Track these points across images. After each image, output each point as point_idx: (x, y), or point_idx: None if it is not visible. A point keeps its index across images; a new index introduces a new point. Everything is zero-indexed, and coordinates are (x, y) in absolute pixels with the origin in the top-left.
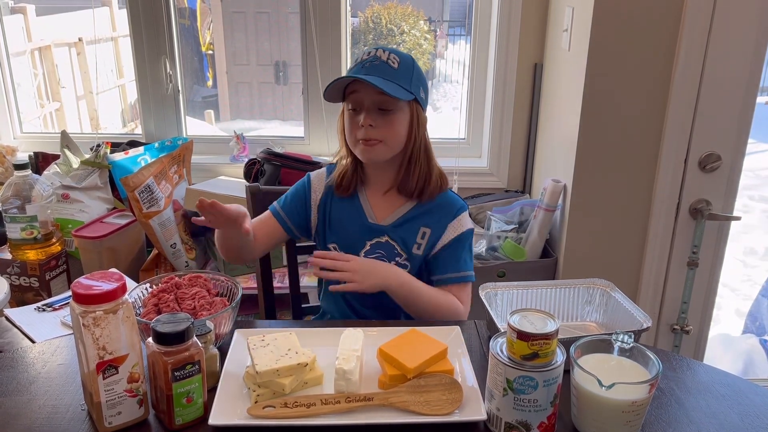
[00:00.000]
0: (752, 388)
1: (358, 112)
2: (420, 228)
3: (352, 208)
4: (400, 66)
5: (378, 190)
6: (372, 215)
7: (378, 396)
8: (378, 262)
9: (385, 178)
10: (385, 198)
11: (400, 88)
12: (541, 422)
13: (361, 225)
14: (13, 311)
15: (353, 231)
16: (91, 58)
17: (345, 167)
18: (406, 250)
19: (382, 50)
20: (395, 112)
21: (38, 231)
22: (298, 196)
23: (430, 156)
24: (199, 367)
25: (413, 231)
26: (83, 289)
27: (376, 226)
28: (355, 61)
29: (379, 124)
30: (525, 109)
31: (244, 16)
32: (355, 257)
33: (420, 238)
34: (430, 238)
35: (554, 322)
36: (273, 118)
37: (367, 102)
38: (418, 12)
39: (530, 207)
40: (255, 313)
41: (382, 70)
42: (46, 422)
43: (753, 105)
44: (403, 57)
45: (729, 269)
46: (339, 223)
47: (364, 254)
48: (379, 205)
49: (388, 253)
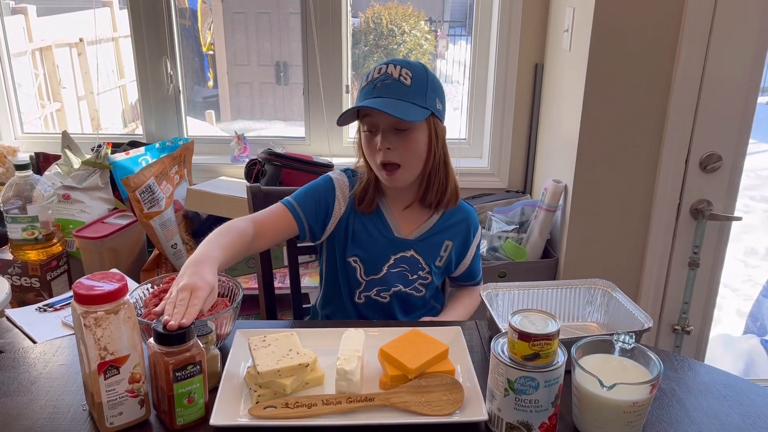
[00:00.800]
0: (753, 388)
1: (374, 134)
2: (444, 241)
3: (376, 222)
4: (413, 82)
5: (400, 204)
6: (398, 229)
7: (379, 396)
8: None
9: (406, 193)
10: (407, 212)
11: (414, 107)
12: (542, 423)
13: (386, 239)
14: (14, 312)
15: (378, 245)
16: (92, 59)
17: (366, 183)
18: (430, 264)
19: (393, 66)
20: (412, 131)
21: (39, 231)
22: (319, 201)
23: (449, 168)
24: (200, 368)
25: (437, 244)
26: (84, 289)
27: (402, 240)
28: (367, 80)
29: (396, 145)
30: (526, 110)
31: (245, 17)
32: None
33: (443, 251)
34: (452, 251)
35: (555, 323)
36: (274, 118)
37: (382, 124)
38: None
39: (531, 207)
40: (256, 314)
41: (395, 89)
42: (47, 422)
43: (754, 105)
44: (415, 71)
45: (730, 269)
46: (362, 236)
47: (387, 268)
48: (403, 219)
49: (412, 267)
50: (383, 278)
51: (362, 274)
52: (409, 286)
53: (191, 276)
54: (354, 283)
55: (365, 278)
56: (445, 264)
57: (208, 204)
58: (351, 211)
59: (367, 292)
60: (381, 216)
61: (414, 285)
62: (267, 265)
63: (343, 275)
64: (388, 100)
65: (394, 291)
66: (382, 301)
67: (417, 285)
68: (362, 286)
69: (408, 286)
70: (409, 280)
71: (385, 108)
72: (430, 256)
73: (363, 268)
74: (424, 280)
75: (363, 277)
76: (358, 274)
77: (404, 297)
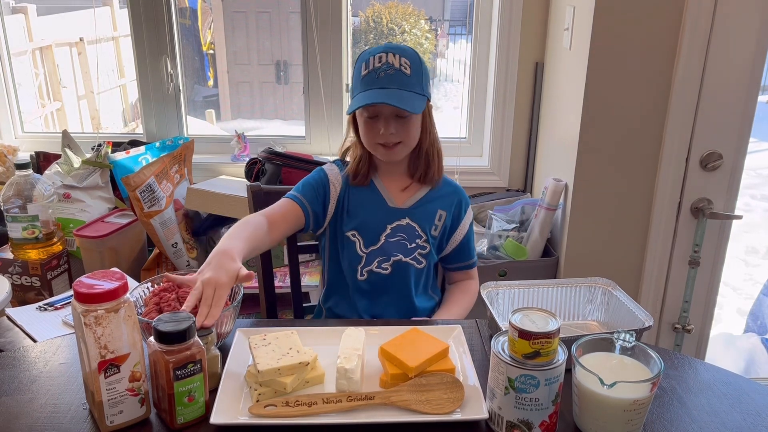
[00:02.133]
0: (754, 386)
1: (376, 120)
2: (437, 210)
3: (371, 195)
4: (412, 71)
5: (392, 176)
6: (391, 199)
7: (379, 395)
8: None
9: (398, 165)
10: (400, 183)
11: (416, 96)
12: (542, 421)
13: (381, 209)
14: (14, 311)
15: (374, 216)
16: (92, 58)
17: (359, 157)
18: (426, 231)
19: (393, 54)
20: (412, 116)
21: (40, 230)
22: (317, 188)
23: (435, 140)
24: (200, 366)
25: (431, 213)
26: (85, 288)
27: (397, 209)
28: (367, 67)
29: (398, 129)
30: (526, 108)
31: (245, 16)
32: None
33: (437, 221)
34: (445, 221)
35: (556, 321)
36: (274, 117)
37: (385, 112)
38: (419, 11)
39: (531, 206)
40: (256, 313)
41: (398, 80)
42: (47, 421)
43: (754, 103)
44: (411, 58)
45: (730, 268)
46: (358, 210)
47: (385, 237)
48: (396, 190)
49: (409, 236)
50: (382, 248)
51: (362, 247)
52: (409, 256)
53: (216, 269)
54: (355, 258)
55: (365, 251)
56: (440, 234)
57: (209, 203)
58: (345, 190)
59: (369, 266)
60: (374, 189)
61: (414, 255)
62: (267, 264)
63: (345, 254)
64: (393, 91)
65: (394, 260)
66: (383, 273)
67: (417, 255)
68: (363, 261)
69: (408, 255)
70: (408, 249)
71: (399, 103)
72: (425, 223)
73: (362, 240)
74: (422, 249)
75: (363, 250)
76: (358, 248)
77: (405, 268)
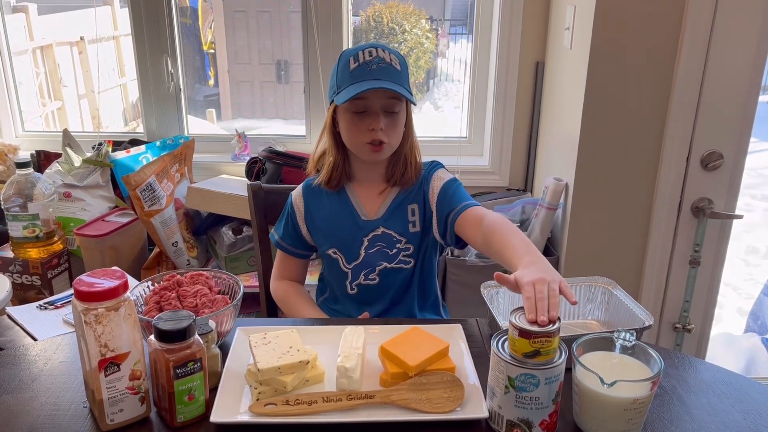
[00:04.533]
0: (754, 386)
1: (364, 116)
2: (408, 207)
3: (340, 207)
4: (401, 67)
5: (367, 182)
6: (363, 212)
7: (379, 394)
8: (540, 263)
9: (375, 170)
10: (372, 190)
11: (406, 91)
12: (542, 420)
13: (353, 225)
14: (15, 309)
15: (347, 232)
16: (93, 57)
17: (334, 162)
18: (404, 233)
19: (382, 50)
20: (399, 113)
21: (40, 229)
22: (287, 225)
23: (414, 146)
24: (200, 365)
25: (403, 214)
26: (85, 286)
27: (369, 222)
28: (356, 61)
29: (387, 125)
30: (527, 108)
31: (246, 15)
32: (532, 283)
33: (411, 216)
34: (420, 211)
35: (556, 320)
36: (274, 116)
37: (376, 107)
38: (419, 11)
39: (532, 206)
40: (256, 311)
41: (392, 74)
42: (48, 420)
43: (755, 103)
44: (399, 56)
45: (731, 268)
46: (330, 226)
47: (364, 250)
48: (368, 199)
49: (388, 243)
50: (364, 261)
51: (344, 263)
52: (393, 261)
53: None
54: (341, 275)
55: (348, 266)
56: (421, 225)
57: (209, 202)
58: (310, 207)
59: (356, 280)
60: (345, 199)
61: (398, 258)
62: (267, 264)
63: (332, 271)
64: (389, 83)
65: (379, 269)
66: (372, 284)
67: (401, 258)
68: (349, 276)
69: (392, 261)
70: (390, 256)
71: (399, 90)
72: (400, 227)
73: (343, 257)
74: (405, 251)
75: (346, 266)
76: (341, 264)
77: (393, 273)
